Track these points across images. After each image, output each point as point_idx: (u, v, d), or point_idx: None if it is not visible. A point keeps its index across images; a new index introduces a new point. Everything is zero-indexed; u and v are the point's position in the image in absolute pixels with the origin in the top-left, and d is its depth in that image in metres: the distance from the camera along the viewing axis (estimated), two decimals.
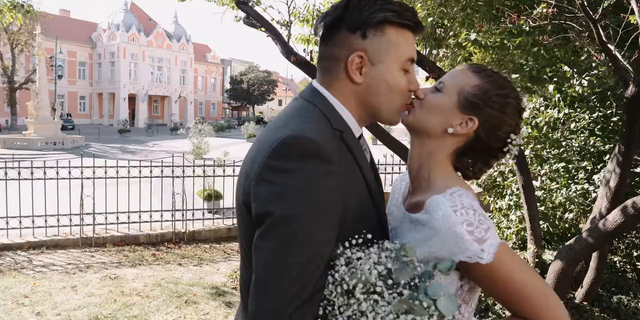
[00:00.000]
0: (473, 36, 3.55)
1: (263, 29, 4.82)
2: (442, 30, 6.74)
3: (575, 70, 4.95)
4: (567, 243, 3.96)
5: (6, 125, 39.20)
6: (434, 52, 7.31)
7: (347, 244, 0.97)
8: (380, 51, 1.03)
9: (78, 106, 52.10)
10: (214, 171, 7.40)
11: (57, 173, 6.10)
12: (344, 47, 1.04)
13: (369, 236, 0.99)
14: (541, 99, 5.76)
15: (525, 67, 3.63)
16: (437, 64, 7.41)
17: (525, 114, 5.67)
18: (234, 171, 7.10)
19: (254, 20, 4.83)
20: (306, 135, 0.94)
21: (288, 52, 4.64)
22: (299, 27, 6.99)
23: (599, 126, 5.45)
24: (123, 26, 50.28)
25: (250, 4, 4.89)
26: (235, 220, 7.23)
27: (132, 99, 51.82)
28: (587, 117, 5.57)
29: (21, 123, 37.32)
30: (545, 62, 3.53)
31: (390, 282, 0.89)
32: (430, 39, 7.10)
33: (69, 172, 6.12)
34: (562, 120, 5.68)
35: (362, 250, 0.95)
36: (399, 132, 33.02)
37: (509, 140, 1.10)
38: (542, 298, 0.98)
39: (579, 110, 5.64)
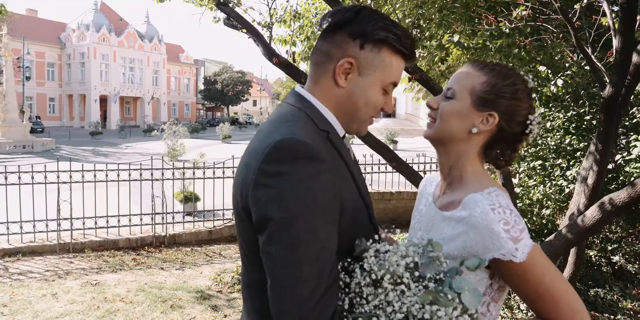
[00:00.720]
0: (456, 38, 3.60)
1: (244, 30, 4.80)
2: (419, 30, 6.84)
3: (550, 70, 5.09)
4: (547, 239, 4.06)
5: None
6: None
7: (376, 237, 1.01)
8: (370, 65, 1.08)
9: (47, 108, 50.79)
10: (193, 173, 7.33)
11: (33, 178, 5.95)
12: (340, 49, 1.08)
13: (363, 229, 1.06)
14: None
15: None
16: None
17: None
18: (213, 173, 7.06)
19: (235, 21, 4.80)
20: (296, 137, 0.97)
21: (270, 53, 4.63)
22: (276, 28, 6.99)
23: (573, 125, 5.61)
24: (93, 26, 49.23)
25: (230, 5, 4.86)
26: (216, 223, 7.19)
27: (103, 100, 50.78)
28: (562, 116, 5.73)
29: None
30: (524, 62, 3.61)
31: (416, 274, 0.91)
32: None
33: (45, 177, 5.98)
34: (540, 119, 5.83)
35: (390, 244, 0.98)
36: (376, 132, 32.96)
37: (528, 122, 1.15)
38: (569, 300, 1.02)
39: (554, 109, 5.79)
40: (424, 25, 6.23)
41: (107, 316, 3.84)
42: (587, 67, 4.53)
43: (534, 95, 5.16)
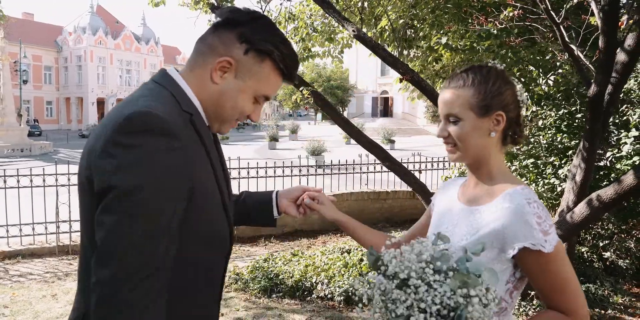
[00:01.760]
0: (444, 40, 3.67)
1: None
2: (413, 31, 6.91)
3: (540, 69, 5.17)
4: None
5: None
6: (405, 52, 7.49)
7: (388, 242, 1.08)
8: (248, 71, 1.11)
9: (45, 111, 50.80)
10: None
11: (31, 181, 6.01)
12: (225, 47, 1.10)
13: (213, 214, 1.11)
14: None
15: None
16: (408, 63, 7.59)
17: None
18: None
19: None
20: (152, 111, 0.97)
21: None
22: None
23: (564, 123, 5.68)
24: (89, 29, 49.25)
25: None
26: None
27: (101, 103, 50.80)
28: (553, 114, 5.80)
29: None
30: (512, 63, 3.69)
31: (435, 267, 0.97)
32: (401, 40, 7.27)
33: (43, 180, 6.04)
34: (530, 118, 5.90)
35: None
36: (372, 131, 33.04)
37: (520, 99, 1.29)
38: (578, 293, 1.15)
39: (545, 107, 5.86)
40: (418, 25, 6.31)
41: None
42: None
43: (525, 93, 5.24)
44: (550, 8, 3.43)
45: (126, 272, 0.91)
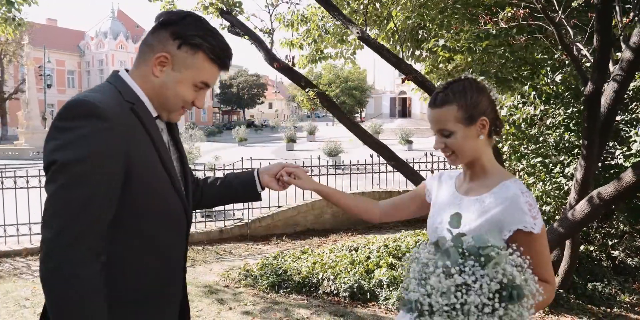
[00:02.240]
0: (441, 42, 3.75)
1: (246, 37, 5.01)
2: (424, 31, 6.95)
3: (548, 68, 5.18)
4: None
5: None
6: (417, 53, 7.54)
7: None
8: (184, 64, 1.26)
9: None
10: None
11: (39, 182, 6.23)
12: (161, 44, 1.25)
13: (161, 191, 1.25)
14: (519, 96, 5.98)
15: (491, 68, 3.84)
16: (419, 63, 7.64)
17: (503, 112, 5.91)
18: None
19: (238, 28, 5.02)
20: (86, 99, 1.14)
21: (271, 58, 4.83)
22: (283, 31, 7.21)
23: (573, 121, 5.67)
24: (110, 33, 50.24)
25: (233, 13, 5.08)
26: (226, 223, 7.42)
27: None
28: (562, 112, 5.80)
29: (12, 133, 37.20)
30: (510, 62, 3.74)
31: (466, 271, 1.11)
32: (412, 40, 7.33)
33: None
34: (539, 117, 5.90)
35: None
36: (390, 132, 32.96)
37: (494, 98, 1.50)
38: (551, 268, 1.42)
39: (554, 106, 5.87)
40: (429, 26, 6.36)
41: None
42: (588, 64, 4.62)
43: (533, 92, 5.27)
44: (556, 7, 3.47)
45: (63, 233, 1.06)
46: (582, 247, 5.26)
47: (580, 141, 5.54)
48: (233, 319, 3.88)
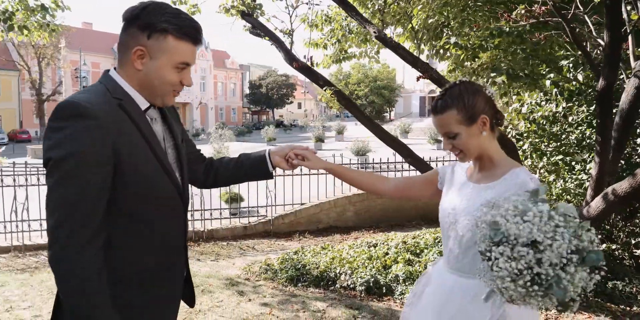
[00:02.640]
0: (452, 39, 3.80)
1: (267, 37, 5.16)
2: (448, 29, 6.96)
3: (570, 65, 5.14)
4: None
5: (36, 136, 40.62)
6: (441, 51, 7.54)
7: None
8: (159, 50, 1.34)
9: None
10: None
11: None
12: (133, 39, 1.34)
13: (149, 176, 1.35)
14: (542, 94, 5.94)
15: (503, 65, 3.86)
16: (444, 61, 7.64)
17: (523, 109, 5.88)
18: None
19: (259, 30, 5.17)
20: (73, 100, 1.25)
21: (290, 58, 4.97)
22: (306, 31, 7.32)
23: (596, 118, 5.60)
24: None
25: (255, 15, 5.23)
26: (251, 219, 7.59)
27: None
28: (584, 109, 5.74)
29: None
30: (522, 59, 3.76)
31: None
32: (436, 38, 7.34)
33: None
34: (562, 114, 5.85)
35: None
36: (419, 131, 32.73)
37: (490, 95, 1.65)
38: None
39: (576, 103, 5.81)
40: (452, 24, 6.38)
41: None
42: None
43: (555, 90, 5.25)
44: (577, 4, 3.45)
45: (63, 222, 1.21)
46: (604, 246, 5.21)
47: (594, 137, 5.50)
48: (252, 309, 4.03)
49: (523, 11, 3.60)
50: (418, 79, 4.64)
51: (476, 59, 6.30)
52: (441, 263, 1.80)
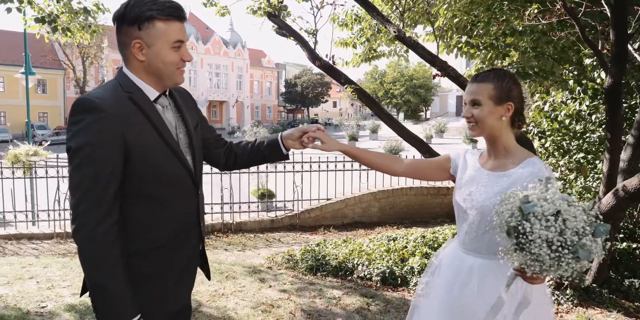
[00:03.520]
0: (464, 38, 3.92)
1: (292, 38, 5.38)
2: (476, 28, 7.01)
3: (594, 63, 5.13)
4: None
5: None
6: (472, 51, 7.58)
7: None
8: (152, 38, 1.47)
9: None
10: (266, 167, 8.02)
11: None
12: (127, 36, 1.48)
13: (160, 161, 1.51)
14: (567, 92, 5.94)
15: (519, 62, 3.94)
16: (473, 60, 7.69)
17: (545, 108, 5.91)
18: (284, 168, 7.70)
19: (284, 30, 5.40)
20: (85, 97, 1.44)
21: (314, 57, 5.17)
22: (332, 31, 7.49)
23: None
24: None
25: (281, 16, 5.46)
26: (278, 213, 7.86)
27: None
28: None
29: None
30: (531, 58, 3.84)
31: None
32: (466, 36, 7.38)
33: None
34: (587, 112, 5.84)
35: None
36: (455, 131, 32.25)
37: (524, 96, 1.80)
38: None
39: (601, 101, 5.78)
40: (479, 24, 6.44)
41: None
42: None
43: (578, 88, 5.29)
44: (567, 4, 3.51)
45: (81, 201, 1.40)
46: (624, 244, 5.20)
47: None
48: (271, 295, 4.26)
49: (536, 11, 3.69)
50: (434, 77, 4.76)
51: (506, 58, 6.35)
52: (455, 245, 1.91)
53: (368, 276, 4.73)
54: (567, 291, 4.28)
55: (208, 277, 1.90)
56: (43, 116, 46.09)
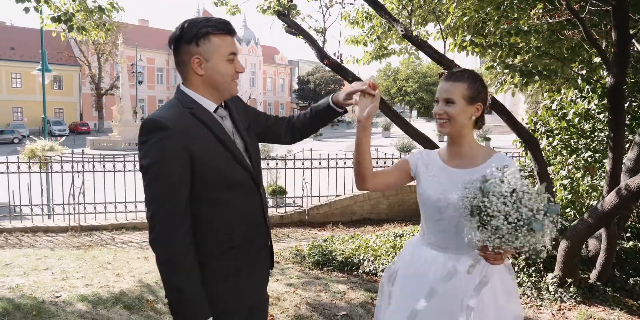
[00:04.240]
0: (468, 37, 3.96)
1: (301, 36, 5.45)
2: (490, 25, 7.00)
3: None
4: (572, 224, 4.27)
5: (94, 128, 42.86)
6: (477, 49, 7.58)
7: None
8: (209, 52, 1.61)
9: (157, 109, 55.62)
10: (276, 164, 8.14)
11: (134, 166, 7.11)
12: (186, 53, 1.62)
13: (224, 168, 1.62)
14: (577, 90, 5.93)
15: (519, 63, 3.98)
16: (483, 58, 7.70)
17: (553, 106, 5.92)
18: (294, 164, 7.79)
19: (293, 29, 5.48)
20: (151, 117, 1.57)
21: (322, 56, 5.24)
22: (341, 30, 7.51)
23: (629, 116, 5.56)
24: None
25: (290, 15, 5.54)
26: (287, 209, 7.96)
27: None
28: None
29: (107, 126, 40.67)
30: (534, 57, 3.87)
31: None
32: (477, 35, 7.39)
33: None
34: (596, 111, 5.84)
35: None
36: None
37: (487, 99, 1.85)
38: None
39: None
40: (490, 22, 6.44)
41: None
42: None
43: (586, 86, 5.31)
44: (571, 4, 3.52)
45: (156, 213, 1.53)
46: (630, 243, 5.21)
47: (607, 133, 5.46)
48: (277, 288, 4.36)
49: (541, 10, 3.72)
50: (439, 76, 4.80)
51: (518, 56, 6.35)
52: (424, 247, 1.93)
53: (373, 271, 4.81)
54: (571, 289, 4.32)
55: (272, 267, 1.96)
56: (59, 112, 46.77)
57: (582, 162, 5.79)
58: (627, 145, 5.55)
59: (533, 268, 4.61)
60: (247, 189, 1.71)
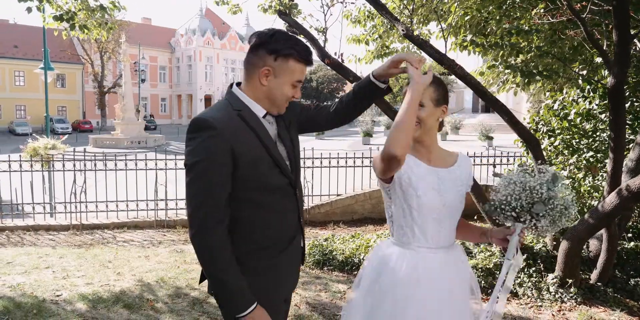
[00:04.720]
0: (469, 37, 3.95)
1: (301, 35, 5.45)
2: (492, 24, 7.00)
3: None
4: (572, 224, 4.27)
5: (97, 126, 42.96)
6: (477, 49, 7.57)
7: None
8: (282, 70, 1.65)
9: (159, 107, 55.76)
10: None
11: (136, 165, 7.12)
12: (262, 60, 1.64)
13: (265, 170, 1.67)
14: (578, 90, 5.92)
15: (521, 63, 3.98)
16: (485, 57, 7.70)
17: (555, 106, 5.90)
18: (304, 163, 7.77)
19: (294, 28, 5.47)
20: (200, 116, 1.61)
21: (323, 55, 5.23)
22: (342, 29, 7.50)
23: (630, 116, 5.55)
24: (199, 31, 53.10)
25: (291, 14, 5.53)
26: None
27: (208, 99, 54.62)
28: None
29: (110, 124, 40.74)
30: (535, 57, 3.86)
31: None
32: (479, 34, 7.40)
33: (145, 164, 7.12)
34: (598, 111, 5.82)
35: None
36: (470, 128, 31.94)
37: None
38: None
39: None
40: (491, 21, 6.44)
41: (183, 273, 4.72)
42: None
43: (587, 86, 5.31)
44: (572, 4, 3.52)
45: (197, 210, 1.58)
46: (632, 244, 5.21)
47: (608, 133, 5.45)
48: None
49: (542, 10, 3.71)
50: (441, 74, 4.79)
51: (520, 55, 6.34)
52: (421, 249, 1.88)
53: None
54: (571, 289, 4.31)
55: (302, 263, 2.03)
56: (62, 110, 46.88)
57: (584, 162, 5.78)
58: (630, 145, 5.55)
59: (533, 268, 4.61)
60: (285, 192, 1.76)
